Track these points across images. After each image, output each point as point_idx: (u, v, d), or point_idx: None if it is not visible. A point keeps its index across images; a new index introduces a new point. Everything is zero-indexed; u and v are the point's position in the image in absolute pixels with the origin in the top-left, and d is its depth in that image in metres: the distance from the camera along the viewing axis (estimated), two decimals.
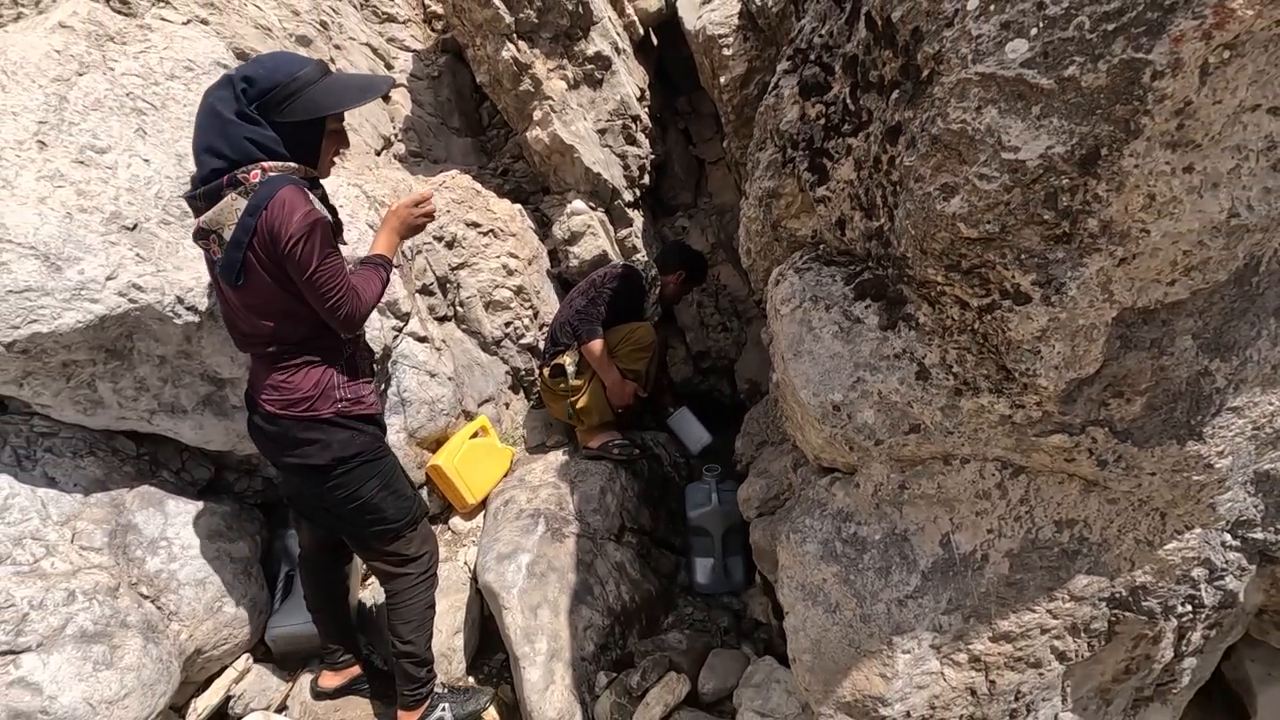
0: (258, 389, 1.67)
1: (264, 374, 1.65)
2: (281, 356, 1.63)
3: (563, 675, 2.03)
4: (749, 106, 3.07)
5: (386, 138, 3.25)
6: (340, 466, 1.70)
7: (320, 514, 1.83)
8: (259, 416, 1.68)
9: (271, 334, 1.60)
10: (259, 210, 1.49)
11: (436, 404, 2.54)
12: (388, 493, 1.81)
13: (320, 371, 1.67)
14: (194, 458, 2.20)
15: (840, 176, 1.65)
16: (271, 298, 1.56)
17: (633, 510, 2.61)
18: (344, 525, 1.81)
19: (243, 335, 1.65)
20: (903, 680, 1.49)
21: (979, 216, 1.11)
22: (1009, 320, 1.17)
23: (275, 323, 1.59)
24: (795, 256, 1.88)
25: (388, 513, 1.81)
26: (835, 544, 1.57)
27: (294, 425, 1.65)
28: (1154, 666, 1.67)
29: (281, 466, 1.76)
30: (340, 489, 1.71)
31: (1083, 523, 1.45)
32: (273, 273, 1.53)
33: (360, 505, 1.75)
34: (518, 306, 3.07)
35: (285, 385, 1.64)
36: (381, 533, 1.82)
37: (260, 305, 1.57)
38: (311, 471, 1.69)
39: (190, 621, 1.91)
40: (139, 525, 1.91)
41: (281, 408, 1.64)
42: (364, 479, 1.75)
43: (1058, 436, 1.30)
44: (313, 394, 1.66)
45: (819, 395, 1.50)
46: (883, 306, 1.45)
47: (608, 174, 3.27)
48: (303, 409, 1.65)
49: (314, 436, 1.66)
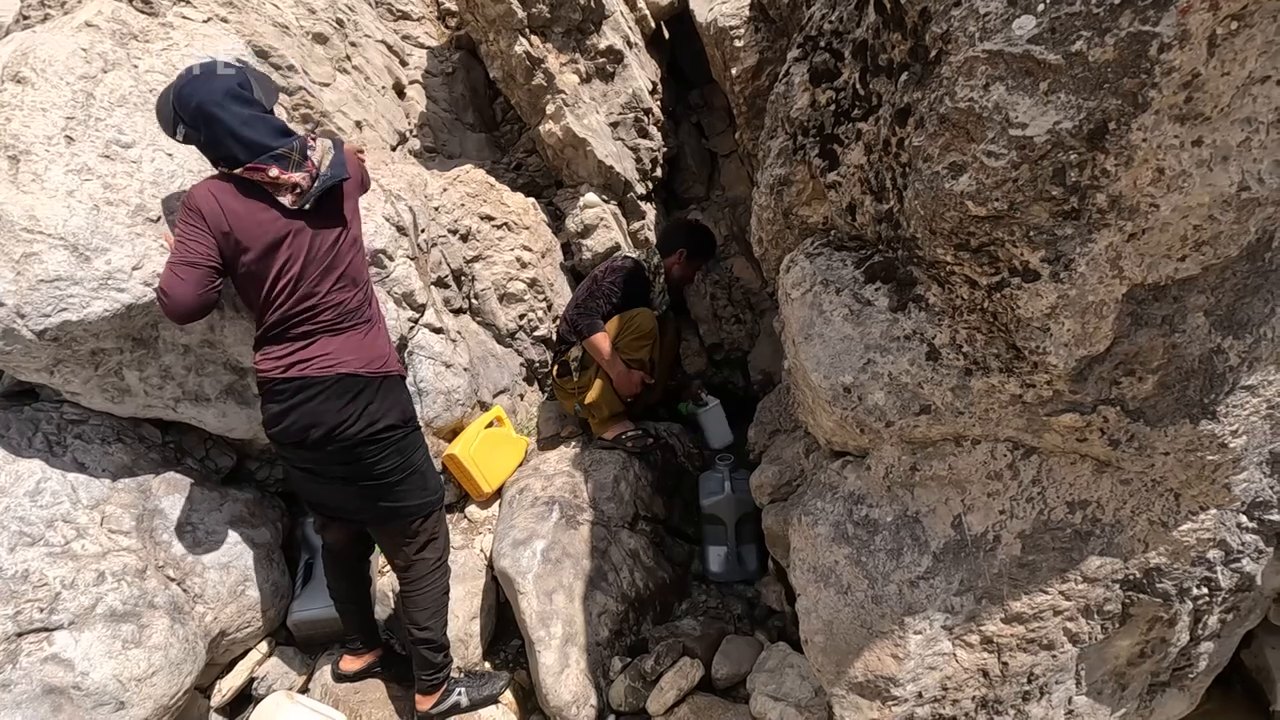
0: (311, 360, 1.69)
1: (322, 339, 1.71)
2: (359, 309, 1.76)
3: (577, 659, 2.05)
4: (761, 97, 3.07)
5: (402, 133, 3.29)
6: (404, 427, 1.81)
7: (351, 503, 1.83)
8: (318, 387, 1.68)
9: (358, 279, 1.75)
10: (340, 144, 1.76)
11: (452, 394, 2.58)
12: (430, 462, 1.93)
13: (384, 328, 1.85)
14: (217, 446, 2.25)
15: (851, 161, 1.66)
16: (358, 228, 1.80)
17: (646, 499, 2.63)
18: (379, 502, 1.82)
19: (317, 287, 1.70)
20: (914, 661, 1.50)
21: (987, 194, 1.12)
22: (1018, 298, 1.17)
23: (358, 253, 1.77)
24: (806, 242, 1.89)
25: (430, 482, 1.90)
26: (847, 526, 1.58)
27: (373, 382, 1.73)
28: (1170, 650, 1.66)
29: (334, 442, 1.71)
30: (399, 454, 1.79)
31: (1095, 503, 1.45)
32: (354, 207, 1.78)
33: (411, 473, 1.83)
34: (531, 299, 3.10)
35: (366, 343, 1.75)
36: (421, 506, 1.88)
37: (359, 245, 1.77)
38: (375, 437, 1.73)
39: (215, 604, 1.96)
40: (165, 510, 1.96)
41: (362, 365, 1.72)
42: (417, 444, 1.87)
43: (1069, 416, 1.30)
44: (387, 350, 1.80)
45: (830, 378, 1.51)
46: (893, 288, 1.46)
47: (620, 167, 3.29)
48: (379, 365, 1.75)
49: (387, 394, 1.76)
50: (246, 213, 1.61)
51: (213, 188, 1.63)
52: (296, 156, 1.65)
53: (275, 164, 1.62)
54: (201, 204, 1.61)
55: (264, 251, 1.64)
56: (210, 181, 1.66)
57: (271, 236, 1.65)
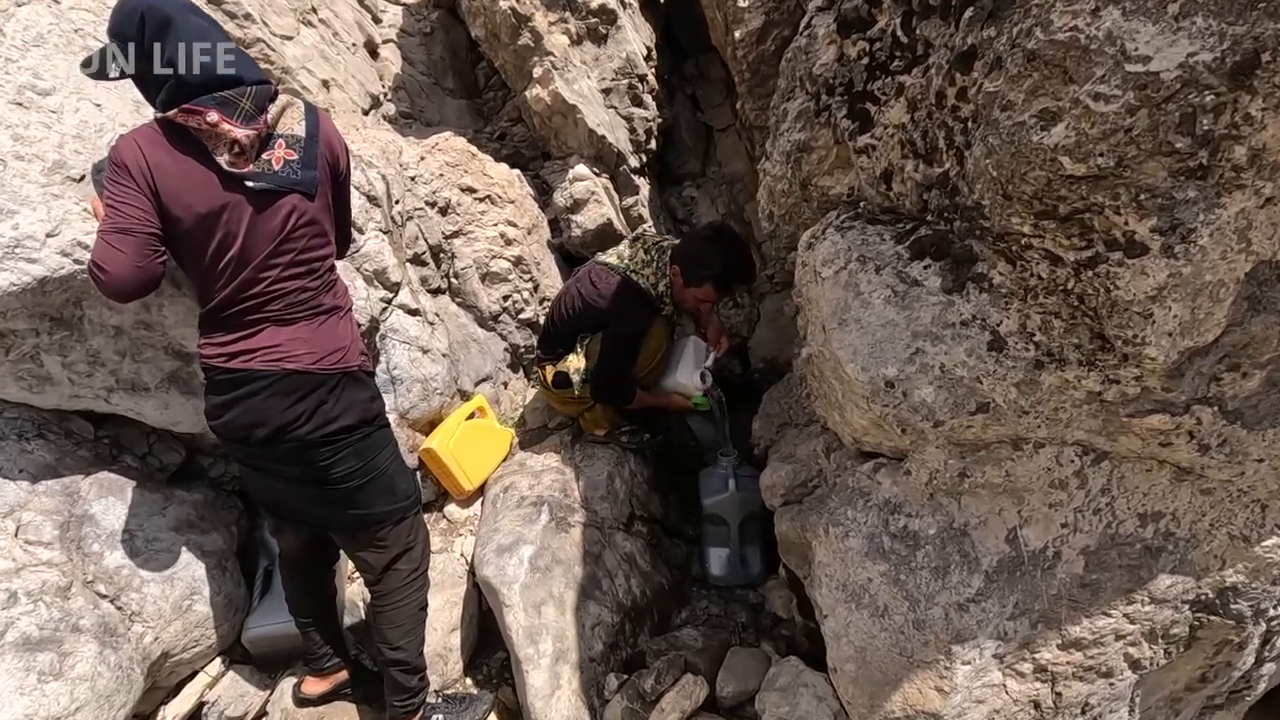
0: (256, 351, 1.46)
1: (271, 329, 1.47)
2: (315, 298, 1.51)
3: (569, 679, 1.85)
4: (766, 64, 2.83)
5: (375, 96, 3.01)
6: (364, 428, 1.57)
7: (311, 508, 1.61)
8: (263, 383, 1.45)
9: (314, 265, 1.51)
10: (315, 111, 1.48)
11: (429, 382, 2.34)
12: (399, 464, 1.69)
13: (349, 319, 1.60)
14: (162, 441, 1.99)
15: (889, 121, 1.44)
16: (324, 217, 1.52)
17: (643, 497, 2.42)
18: (341, 510, 1.61)
19: (265, 270, 1.45)
20: (961, 695, 1.31)
21: (1090, 148, 0.91)
22: (1117, 277, 0.97)
23: (326, 248, 1.54)
24: (832, 215, 1.67)
25: (399, 487, 1.67)
26: (883, 539, 1.39)
27: (327, 380, 1.50)
28: (1233, 674, 1.50)
29: (283, 442, 1.49)
30: (357, 457, 1.56)
31: (1170, 516, 1.27)
32: (326, 184, 1.51)
33: (375, 477, 1.60)
34: (516, 279, 2.86)
35: (321, 335, 1.51)
36: (388, 514, 1.65)
37: (316, 227, 1.49)
38: (328, 440, 1.51)
39: (156, 622, 1.71)
40: (96, 516, 1.71)
41: (315, 360, 1.48)
42: (381, 445, 1.63)
43: (1157, 417, 1.11)
44: (347, 343, 1.56)
45: (869, 370, 1.30)
46: (946, 266, 1.25)
47: (612, 137, 3.04)
48: (335, 360, 1.51)
49: (344, 393, 1.53)
50: (177, 171, 1.35)
51: (140, 137, 1.36)
52: (249, 107, 1.38)
53: (217, 108, 1.34)
54: (127, 157, 1.34)
55: (197, 222, 1.38)
56: (138, 130, 1.39)
57: (205, 205, 1.38)
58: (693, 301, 2.39)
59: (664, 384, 2.51)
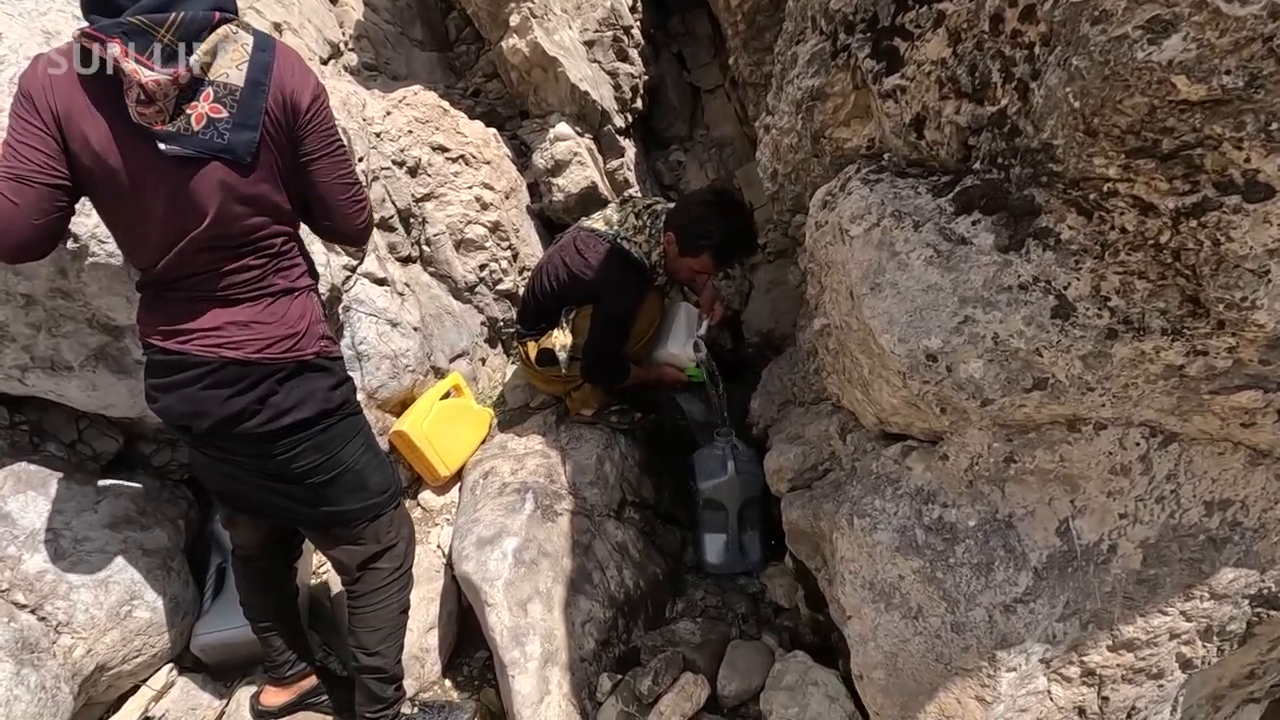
0: (193, 332, 1.24)
1: (210, 307, 1.24)
2: (262, 277, 1.26)
3: (559, 682, 1.69)
4: (763, 14, 2.63)
5: (335, 45, 2.74)
6: (323, 421, 1.35)
7: (272, 500, 1.41)
8: (200, 370, 1.24)
9: (259, 244, 1.24)
10: (271, 47, 1.18)
11: (400, 359, 2.13)
12: (371, 455, 1.47)
13: (306, 300, 1.34)
14: (94, 426, 1.77)
15: (924, 57, 1.26)
16: (270, 188, 1.22)
17: (634, 481, 2.26)
18: (307, 507, 1.42)
19: (195, 246, 1.19)
20: (1005, 705, 1.17)
21: (1214, 64, 0.73)
22: (1230, 226, 0.81)
23: (274, 224, 1.26)
24: (850, 169, 1.50)
25: (371, 482, 1.46)
26: (915, 532, 1.24)
27: (277, 371, 1.27)
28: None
29: (229, 437, 1.30)
30: (318, 451, 1.35)
31: (1239, 504, 1.13)
32: (280, 147, 1.21)
33: (339, 474, 1.39)
34: (494, 246, 2.64)
35: (268, 319, 1.26)
36: (361, 511, 1.45)
37: (257, 203, 1.21)
38: (282, 434, 1.30)
39: (88, 632, 1.51)
40: (12, 514, 1.48)
41: (259, 349, 1.25)
42: (347, 437, 1.40)
43: (1246, 394, 0.96)
44: (303, 327, 1.30)
45: (908, 340, 1.13)
46: (1001, 220, 1.08)
47: (596, 94, 2.82)
48: (286, 348, 1.27)
49: (298, 384, 1.30)
50: (87, 111, 1.09)
51: (51, 61, 1.11)
52: (170, 40, 1.08)
53: (121, 39, 1.05)
54: (33, 86, 1.09)
55: (109, 180, 1.13)
56: (63, 48, 1.13)
57: (117, 161, 1.12)
58: (687, 273, 2.19)
59: (655, 355, 2.33)
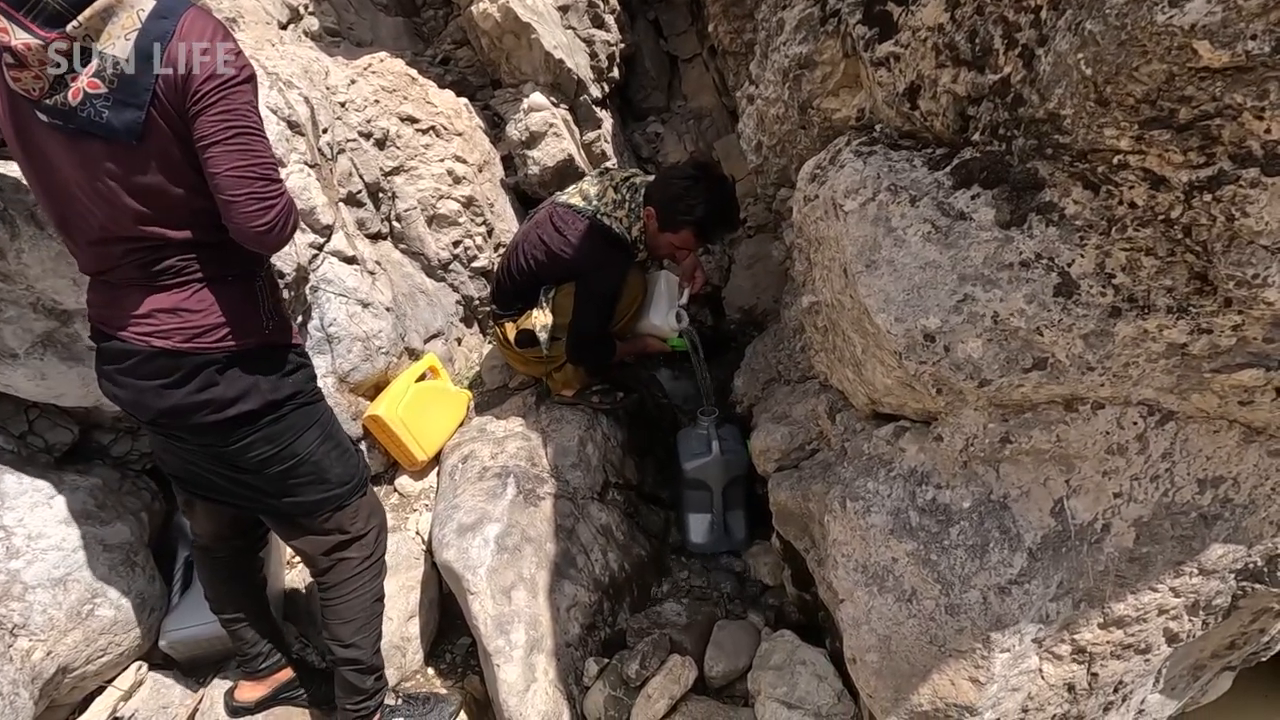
0: (126, 318, 1.16)
1: (140, 294, 1.16)
2: (185, 264, 1.16)
3: (545, 669, 1.66)
4: None
5: (294, 8, 2.59)
6: (270, 413, 1.26)
7: (232, 488, 1.35)
8: (136, 360, 1.17)
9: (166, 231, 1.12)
10: (176, 14, 1.05)
11: (372, 340, 2.05)
12: (331, 445, 1.39)
13: (241, 287, 1.23)
14: (46, 416, 1.67)
15: (920, 23, 1.21)
16: (165, 173, 1.09)
17: (617, 463, 2.22)
18: (267, 498, 1.36)
19: (104, 235, 1.11)
20: (998, 685, 1.17)
21: (1239, 28, 0.69)
22: (1246, 201, 0.78)
23: (177, 211, 1.12)
24: (840, 141, 1.45)
25: (331, 473, 1.38)
26: (909, 514, 1.22)
27: (214, 361, 1.18)
28: (1262, 640, 1.42)
29: (177, 428, 1.24)
30: (269, 443, 1.28)
31: (1231, 480, 1.13)
32: (179, 131, 1.07)
33: (294, 465, 1.32)
34: (468, 222, 2.55)
35: (194, 308, 1.16)
36: (321, 502, 1.38)
37: (150, 185, 1.08)
38: (229, 426, 1.23)
39: (47, 634, 1.43)
40: None
41: (188, 339, 1.16)
42: (301, 428, 1.32)
43: (1248, 373, 0.95)
44: (231, 318, 1.20)
45: (904, 320, 1.10)
46: (1002, 195, 1.04)
47: (572, 62, 2.71)
48: (219, 337, 1.18)
49: (241, 374, 1.21)
50: None
51: None
52: (53, 5, 0.97)
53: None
54: None
55: (15, 151, 1.07)
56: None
57: (13, 130, 1.05)
58: (668, 248, 2.13)
59: (636, 327, 2.28)
